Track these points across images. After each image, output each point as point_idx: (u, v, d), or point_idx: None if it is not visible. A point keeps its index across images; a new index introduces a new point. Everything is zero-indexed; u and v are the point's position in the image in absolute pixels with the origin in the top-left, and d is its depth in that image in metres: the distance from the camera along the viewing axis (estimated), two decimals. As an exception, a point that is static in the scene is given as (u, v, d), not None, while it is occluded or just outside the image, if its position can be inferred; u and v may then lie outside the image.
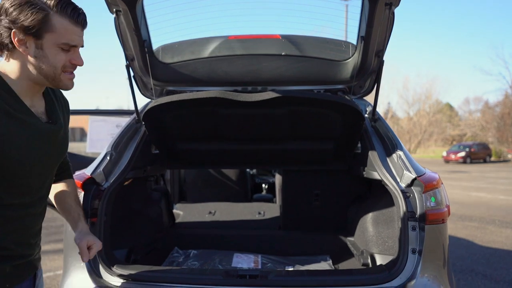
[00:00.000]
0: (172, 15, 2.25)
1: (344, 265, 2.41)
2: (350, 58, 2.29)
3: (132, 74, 2.32)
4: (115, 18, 2.10)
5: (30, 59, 1.07)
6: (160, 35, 2.34)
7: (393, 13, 1.99)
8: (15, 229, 1.14)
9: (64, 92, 1.34)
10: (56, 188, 1.44)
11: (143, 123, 2.34)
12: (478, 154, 27.67)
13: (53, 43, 1.07)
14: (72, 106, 1.44)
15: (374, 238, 2.27)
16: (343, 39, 2.41)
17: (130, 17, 2.04)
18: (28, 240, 1.20)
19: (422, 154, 41.32)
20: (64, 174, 1.46)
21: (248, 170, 4.66)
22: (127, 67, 2.26)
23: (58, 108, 1.25)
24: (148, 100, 2.64)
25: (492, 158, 29.40)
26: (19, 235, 1.16)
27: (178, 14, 2.25)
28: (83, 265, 1.80)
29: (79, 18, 1.10)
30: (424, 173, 1.89)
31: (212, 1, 2.29)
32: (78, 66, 1.15)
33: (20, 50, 1.06)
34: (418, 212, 1.76)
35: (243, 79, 2.39)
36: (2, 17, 1.03)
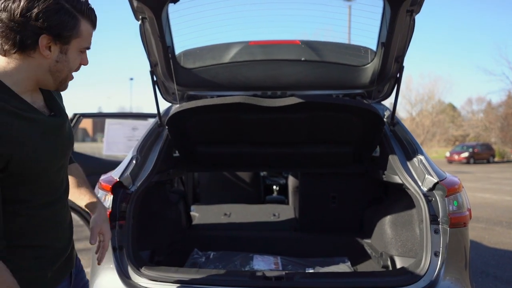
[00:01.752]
0: (194, 21, 2.30)
1: (362, 267, 2.44)
2: (369, 63, 2.34)
3: (155, 79, 2.37)
4: (140, 25, 2.14)
5: (50, 62, 1.05)
6: (182, 41, 2.40)
7: (414, 19, 2.03)
8: (51, 226, 1.15)
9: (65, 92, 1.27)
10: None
11: (166, 127, 2.38)
12: (482, 155, 27.63)
13: (76, 47, 1.08)
14: (73, 107, 1.39)
15: (393, 240, 2.31)
16: (361, 43, 2.45)
17: (156, 24, 2.09)
18: (64, 234, 1.22)
19: (425, 155, 41.22)
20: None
21: None
22: (151, 72, 2.31)
23: (57, 98, 1.21)
24: (169, 104, 2.69)
25: (496, 159, 29.37)
26: (57, 231, 1.18)
27: (200, 20, 2.30)
28: (112, 266, 1.84)
29: (96, 21, 1.12)
30: (446, 177, 1.92)
31: (233, 7, 2.33)
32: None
33: (43, 54, 1.03)
34: (441, 215, 1.80)
35: (263, 84, 2.44)
36: (30, 21, 0.98)
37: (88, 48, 1.12)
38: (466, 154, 26.71)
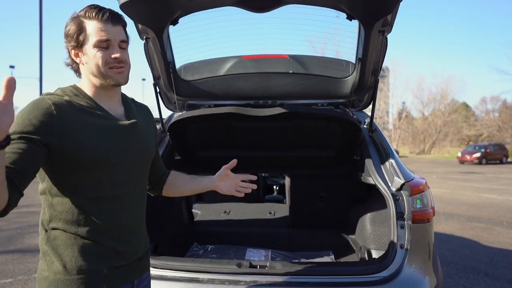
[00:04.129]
0: (192, 39, 2.58)
1: (344, 260, 2.69)
2: (349, 76, 2.58)
3: (158, 90, 2.66)
4: (144, 44, 2.43)
5: (85, 66, 1.23)
6: (182, 57, 2.67)
7: (386, 38, 2.27)
8: (106, 223, 1.20)
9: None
10: (170, 182, 1.61)
11: (168, 133, 2.67)
12: (494, 155, 27.24)
13: (90, 45, 1.20)
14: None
15: (371, 235, 2.55)
16: (342, 55, 2.69)
17: (158, 43, 2.36)
18: (122, 236, 1.24)
19: (437, 155, 40.80)
20: (166, 173, 1.64)
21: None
22: (154, 85, 2.61)
23: (137, 114, 1.37)
24: (171, 112, 2.99)
25: (509, 159, 28.92)
26: (111, 230, 1.22)
27: (198, 38, 2.58)
28: None
29: (104, 16, 1.21)
30: (412, 179, 2.16)
31: (228, 26, 2.60)
32: (122, 61, 1.24)
33: (79, 63, 1.24)
34: (406, 212, 2.04)
35: (255, 94, 2.70)
36: (66, 43, 1.23)
37: (101, 40, 1.20)
38: (478, 155, 26.34)
